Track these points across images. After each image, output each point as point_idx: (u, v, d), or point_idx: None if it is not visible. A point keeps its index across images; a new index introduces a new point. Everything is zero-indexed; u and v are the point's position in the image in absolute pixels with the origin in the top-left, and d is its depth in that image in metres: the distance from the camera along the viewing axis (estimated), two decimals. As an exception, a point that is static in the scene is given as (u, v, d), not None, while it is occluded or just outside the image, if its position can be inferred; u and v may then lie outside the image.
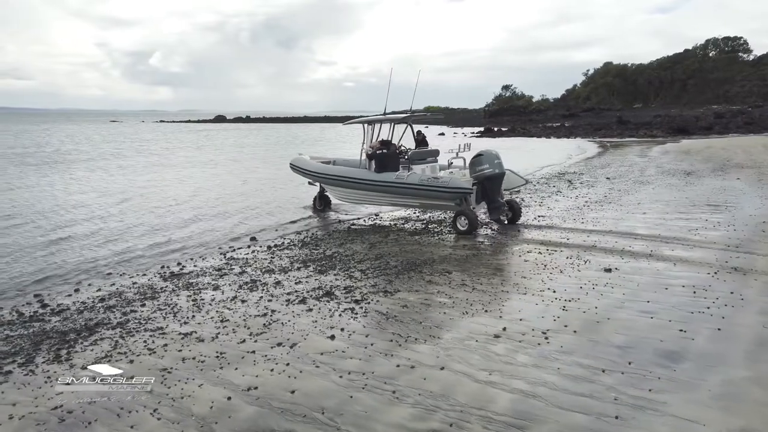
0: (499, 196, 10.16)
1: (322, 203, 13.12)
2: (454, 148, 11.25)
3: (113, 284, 7.39)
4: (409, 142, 12.31)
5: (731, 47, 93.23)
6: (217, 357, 4.77)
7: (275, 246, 9.43)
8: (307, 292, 6.61)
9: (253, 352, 4.84)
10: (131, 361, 4.74)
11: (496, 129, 57.37)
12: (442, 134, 55.11)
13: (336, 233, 10.39)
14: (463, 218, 9.69)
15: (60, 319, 5.99)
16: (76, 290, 7.16)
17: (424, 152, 11.59)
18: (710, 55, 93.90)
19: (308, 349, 4.86)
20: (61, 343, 5.25)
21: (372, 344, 4.88)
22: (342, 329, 5.30)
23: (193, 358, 4.76)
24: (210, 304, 6.27)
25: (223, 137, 55.56)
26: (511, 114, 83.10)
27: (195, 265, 8.27)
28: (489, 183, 9.84)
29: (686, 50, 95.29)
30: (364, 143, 11.65)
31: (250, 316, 5.83)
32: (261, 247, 9.44)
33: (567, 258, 7.63)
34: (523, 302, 5.85)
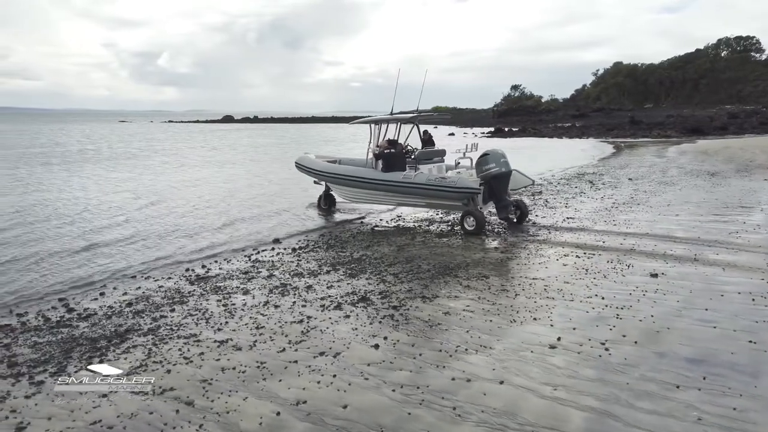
0: (506, 195, 10.09)
1: (327, 202, 13.02)
2: (461, 148, 11.19)
3: (139, 287, 7.18)
4: (415, 142, 12.23)
5: (743, 47, 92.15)
6: (258, 367, 4.53)
7: (300, 248, 9.19)
8: (341, 297, 6.36)
9: (296, 362, 4.60)
10: (168, 371, 4.51)
11: (506, 129, 56.95)
12: (452, 134, 54.78)
13: (360, 235, 10.14)
14: (470, 218, 9.64)
15: (88, 324, 5.78)
16: (102, 294, 6.95)
17: (430, 152, 11.55)
18: (722, 54, 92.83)
19: (353, 359, 4.61)
20: (93, 350, 5.03)
21: (420, 354, 4.62)
22: (385, 338, 5.04)
23: (233, 368, 4.52)
24: (242, 310, 6.04)
25: (235, 137, 55.33)
26: (520, 114, 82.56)
27: (220, 268, 8.05)
28: (496, 182, 9.78)
29: (698, 50, 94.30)
30: (370, 143, 11.57)
31: (286, 322, 5.59)
32: (285, 249, 9.21)
33: (608, 262, 7.34)
34: (572, 310, 5.57)
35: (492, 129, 58.61)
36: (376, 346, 4.85)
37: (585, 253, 7.88)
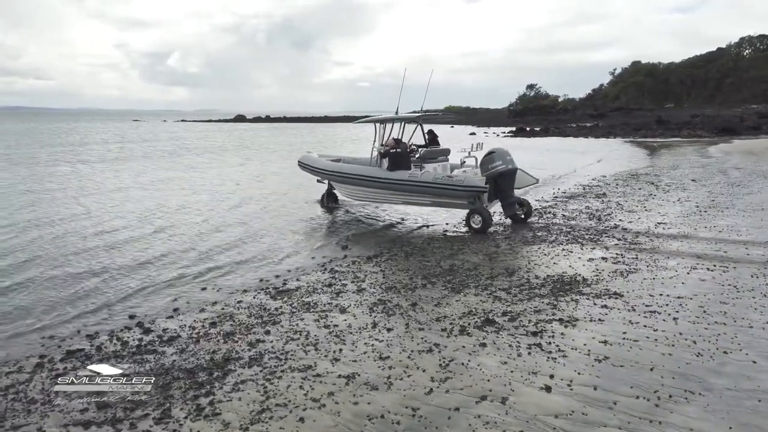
0: (511, 193, 10.22)
1: (330, 200, 12.92)
2: (466, 147, 11.13)
3: (215, 303, 6.32)
4: (418, 142, 12.22)
5: (766, 45, 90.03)
6: (414, 416, 3.63)
7: (375, 256, 8.31)
8: (460, 318, 5.47)
9: (457, 409, 3.70)
10: (301, 420, 3.63)
11: (528, 129, 55.74)
12: (473, 134, 53.76)
13: (435, 241, 9.23)
14: (476, 216, 9.71)
15: (176, 350, 4.92)
16: (175, 310, 6.10)
17: (435, 151, 11.58)
18: (744, 53, 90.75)
19: (528, 407, 3.70)
20: (194, 387, 4.17)
21: (615, 403, 3.69)
22: (551, 376, 4.13)
23: (382, 417, 3.64)
24: (351, 333, 5.15)
25: (256, 137, 53.49)
26: (537, 114, 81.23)
27: (298, 280, 7.17)
28: (502, 180, 9.87)
29: (719, 48, 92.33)
30: (375, 142, 11.53)
31: (413, 351, 4.70)
32: (360, 257, 8.32)
33: (754, 277, 6.37)
34: (762, 340, 4.62)
35: (513, 128, 57.39)
36: (547, 389, 3.94)
37: (715, 266, 6.91)
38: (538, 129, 55.85)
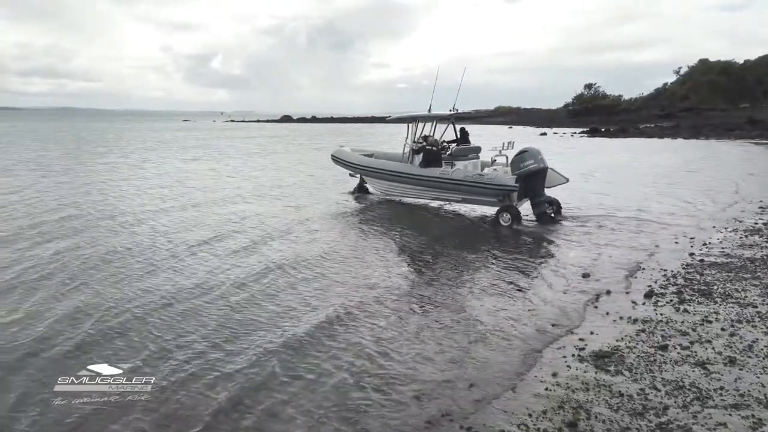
0: (542, 191, 10.25)
1: (360, 192, 13.27)
2: (497, 146, 11.17)
3: (554, 374, 4.23)
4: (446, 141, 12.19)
5: None
6: None
7: (649, 294, 6.07)
8: None
9: None
10: None
11: (603, 129, 52.26)
12: (544, 134, 50.96)
13: (689, 268, 6.92)
14: (506, 214, 9.82)
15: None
16: (513, 396, 4.04)
17: (466, 149, 11.60)
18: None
19: None
20: None
21: None
22: None
23: None
24: None
25: (318, 137, 50.50)
26: (598, 114, 77.05)
27: (594, 333, 5.01)
28: (534, 178, 9.93)
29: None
30: (407, 138, 11.76)
31: None
32: (617, 293, 6.10)
33: None
34: None
35: (585, 129, 53.97)
36: None
37: None
38: (613, 129, 52.26)
